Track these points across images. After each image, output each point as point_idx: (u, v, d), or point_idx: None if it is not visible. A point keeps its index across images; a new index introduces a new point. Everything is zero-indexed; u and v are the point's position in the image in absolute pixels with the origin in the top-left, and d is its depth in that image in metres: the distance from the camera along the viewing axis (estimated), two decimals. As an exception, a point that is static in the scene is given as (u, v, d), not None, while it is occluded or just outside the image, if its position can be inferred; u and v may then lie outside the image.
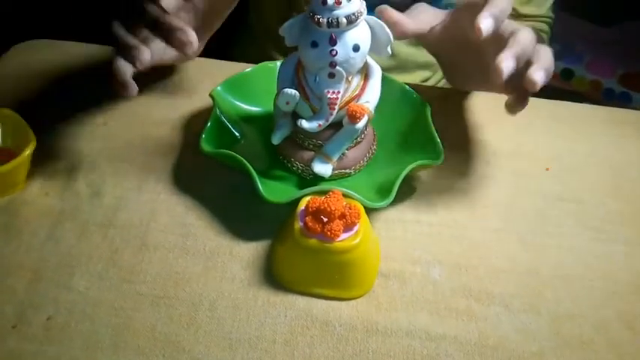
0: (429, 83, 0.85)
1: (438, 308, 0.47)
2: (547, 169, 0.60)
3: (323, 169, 0.53)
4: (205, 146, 0.53)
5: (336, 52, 0.48)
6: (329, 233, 0.45)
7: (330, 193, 0.47)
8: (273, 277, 0.49)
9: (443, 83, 0.86)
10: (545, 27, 0.82)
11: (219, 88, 0.59)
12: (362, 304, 0.47)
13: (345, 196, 0.48)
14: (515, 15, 0.79)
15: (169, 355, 0.43)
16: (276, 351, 0.44)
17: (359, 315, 0.47)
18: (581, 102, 0.69)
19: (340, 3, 0.47)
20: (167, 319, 0.45)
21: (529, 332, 0.46)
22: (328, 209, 0.45)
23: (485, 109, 0.66)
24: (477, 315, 0.47)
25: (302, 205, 0.48)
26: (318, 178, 0.54)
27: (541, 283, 0.50)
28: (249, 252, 0.50)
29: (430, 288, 0.49)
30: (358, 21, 0.48)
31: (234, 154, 0.51)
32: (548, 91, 0.65)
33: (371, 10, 0.51)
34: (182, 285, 0.48)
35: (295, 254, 0.47)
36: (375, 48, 0.51)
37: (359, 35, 0.49)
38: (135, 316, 0.45)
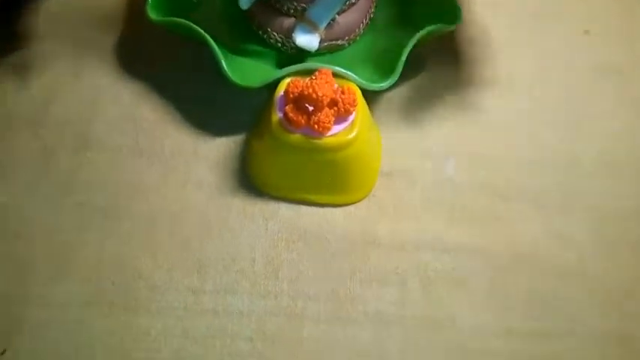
0: None
1: (454, 211, 0.38)
2: (586, 32, 0.48)
3: (307, 40, 0.42)
4: (152, 13, 0.41)
5: None
6: (316, 126, 0.35)
7: (317, 73, 0.36)
8: (248, 180, 0.39)
9: None
10: None
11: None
12: (360, 210, 0.38)
13: (335, 76, 0.37)
14: None
15: (121, 282, 0.35)
16: (256, 272, 0.36)
17: (356, 224, 0.38)
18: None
19: None
20: (117, 238, 0.37)
21: (567, 237, 0.38)
22: (314, 95, 0.34)
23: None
24: (503, 218, 0.38)
25: (280, 90, 0.37)
26: (302, 53, 0.42)
27: (580, 175, 0.40)
28: (217, 151, 0.40)
29: (444, 186, 0.39)
30: None
31: (189, 22, 0.40)
32: None
33: None
34: (135, 195, 0.38)
35: (275, 153, 0.37)
36: None
37: None
38: (77, 236, 0.36)
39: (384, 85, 0.39)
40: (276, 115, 0.36)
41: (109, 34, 0.45)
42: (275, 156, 0.37)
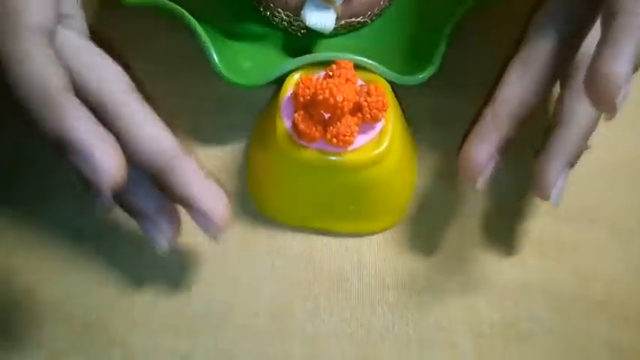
0: None
1: (511, 240, 0.30)
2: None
3: (321, 18, 0.33)
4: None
5: None
6: (335, 140, 0.26)
7: (334, 66, 0.28)
8: (250, 204, 0.31)
9: None
10: None
11: None
12: (392, 241, 0.30)
13: (358, 68, 0.29)
14: None
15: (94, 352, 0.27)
16: (260, 329, 0.28)
17: (388, 260, 0.30)
18: None
19: None
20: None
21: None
22: (332, 100, 0.26)
23: None
24: (573, 247, 0.30)
25: (287, 91, 0.28)
26: (314, 36, 0.34)
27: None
28: (207, 165, 0.32)
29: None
30: None
31: (171, 3, 0.31)
32: None
33: None
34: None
35: (282, 171, 0.29)
36: None
37: None
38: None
39: (421, 77, 0.30)
40: (283, 125, 0.28)
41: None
42: (282, 175, 0.29)
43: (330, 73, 0.28)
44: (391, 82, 0.30)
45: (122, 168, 0.22)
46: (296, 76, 0.29)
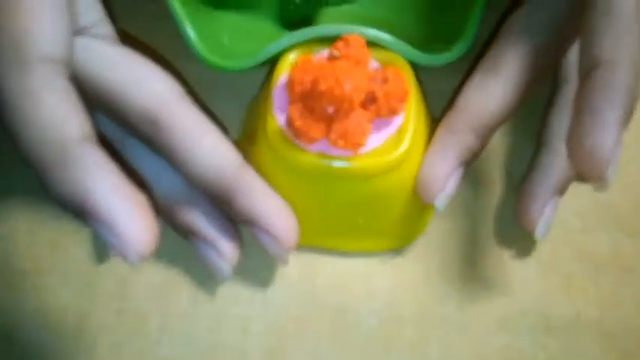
0: None
1: (557, 262, 0.24)
2: None
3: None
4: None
5: None
6: (342, 142, 0.20)
7: (340, 42, 0.21)
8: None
9: None
10: None
11: None
12: (410, 261, 0.24)
13: (370, 45, 0.22)
14: None
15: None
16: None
17: (406, 286, 0.24)
18: None
19: None
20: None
21: None
22: (338, 89, 0.19)
23: None
24: (631, 264, 0.24)
25: (280, 76, 0.22)
26: (316, 3, 0.27)
27: None
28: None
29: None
30: None
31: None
32: None
33: None
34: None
35: (276, 178, 0.23)
36: None
37: None
38: None
39: (452, 55, 0.24)
40: (275, 122, 0.22)
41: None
42: (276, 183, 0.22)
43: (336, 53, 0.22)
44: (413, 63, 0.24)
45: (153, 239, 0.18)
46: (291, 57, 0.23)
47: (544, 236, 0.23)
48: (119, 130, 0.23)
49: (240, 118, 0.26)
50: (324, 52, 0.23)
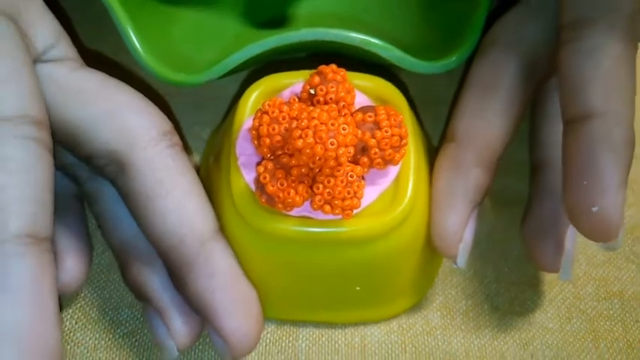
0: None
1: (575, 319, 0.21)
2: None
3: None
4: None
5: None
6: (328, 207, 0.16)
7: (316, 78, 0.17)
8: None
9: None
10: None
11: None
12: (411, 327, 0.21)
13: (350, 64, 0.18)
14: None
15: None
16: None
17: (410, 347, 0.20)
18: None
19: None
20: None
21: None
22: (320, 147, 0.15)
23: None
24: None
25: (242, 122, 0.18)
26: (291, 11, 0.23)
27: None
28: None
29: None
30: None
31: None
32: None
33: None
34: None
35: (246, 246, 0.18)
36: None
37: None
38: None
39: (451, 62, 0.20)
40: (242, 181, 0.17)
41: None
42: (247, 254, 0.18)
43: (312, 92, 0.17)
44: (406, 70, 0.19)
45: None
46: (254, 95, 0.18)
47: (571, 275, 0.20)
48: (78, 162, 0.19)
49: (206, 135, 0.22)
50: (296, 86, 0.18)
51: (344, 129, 0.15)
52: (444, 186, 0.19)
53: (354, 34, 0.19)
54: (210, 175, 0.20)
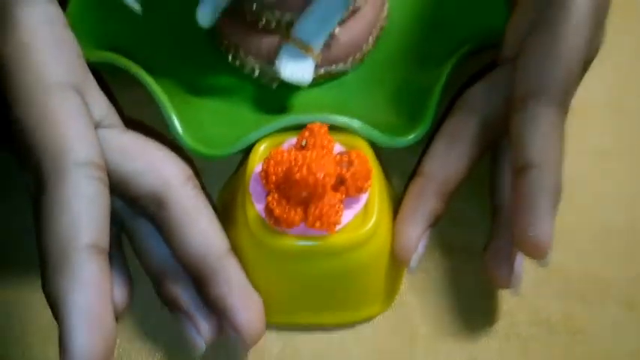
0: None
1: (518, 325, 0.27)
2: None
3: (298, 69, 0.29)
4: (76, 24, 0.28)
5: None
6: (319, 223, 0.23)
7: (306, 132, 0.24)
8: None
9: None
10: None
11: None
12: (381, 332, 0.27)
13: (335, 129, 0.25)
14: None
15: None
16: None
17: (382, 348, 0.26)
18: None
19: None
20: None
21: None
22: (311, 178, 0.22)
23: None
24: (581, 325, 0.27)
25: (254, 166, 0.25)
26: (288, 91, 0.30)
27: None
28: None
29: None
30: None
31: (126, 60, 0.27)
32: None
33: None
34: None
35: (257, 261, 0.25)
36: None
37: None
38: None
39: (412, 138, 0.27)
40: (254, 210, 0.24)
41: None
42: (258, 266, 0.25)
43: (303, 143, 0.24)
44: (378, 144, 0.26)
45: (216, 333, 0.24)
46: (262, 148, 0.25)
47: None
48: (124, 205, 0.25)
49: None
50: (291, 140, 0.25)
51: (327, 164, 0.22)
52: (409, 208, 0.25)
53: (338, 117, 0.26)
54: (226, 208, 0.27)
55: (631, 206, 0.30)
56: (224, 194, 0.29)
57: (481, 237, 0.27)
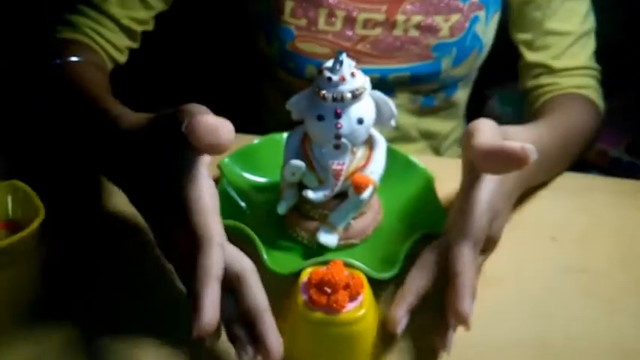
0: (434, 152, 0.86)
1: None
2: (553, 238, 0.60)
3: (329, 238, 0.54)
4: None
5: (341, 125, 0.50)
6: (335, 305, 0.45)
7: (331, 263, 0.47)
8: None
9: (448, 154, 0.88)
10: (589, 81, 0.74)
11: (226, 159, 0.60)
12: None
13: (347, 265, 0.48)
14: (551, 71, 0.75)
15: None
16: None
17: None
18: (589, 170, 0.70)
19: (345, 79, 0.49)
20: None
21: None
22: (332, 280, 0.45)
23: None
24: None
25: (304, 277, 0.47)
26: (324, 249, 0.54)
27: (550, 354, 0.49)
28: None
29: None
30: (362, 95, 0.50)
31: (240, 224, 0.52)
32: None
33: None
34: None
35: (299, 329, 0.46)
36: (380, 121, 0.53)
37: (363, 109, 0.50)
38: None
39: (387, 275, 0.50)
40: (302, 298, 0.46)
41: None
42: (299, 332, 0.46)
43: (329, 266, 0.47)
44: (369, 275, 0.49)
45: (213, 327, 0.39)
46: (308, 269, 0.48)
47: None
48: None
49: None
50: (323, 268, 0.48)
51: (341, 278, 0.45)
52: (399, 300, 0.47)
53: (347, 259, 0.50)
54: (285, 304, 0.49)
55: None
56: (286, 300, 0.51)
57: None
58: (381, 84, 0.74)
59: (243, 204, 0.59)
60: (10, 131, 0.71)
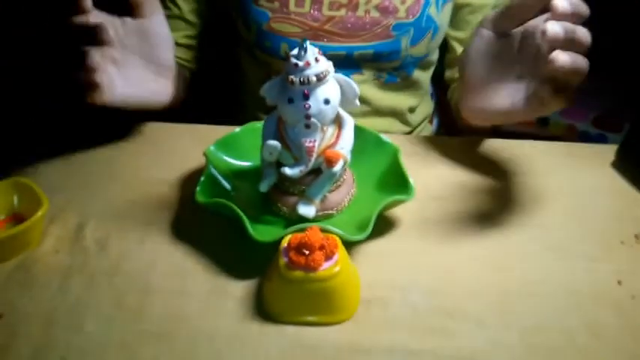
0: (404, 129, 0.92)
1: (417, 327, 0.52)
2: (514, 200, 0.65)
3: (307, 210, 0.59)
4: (200, 197, 0.59)
5: (310, 106, 0.55)
6: (312, 263, 0.50)
7: (308, 229, 0.52)
8: (264, 310, 0.53)
9: (420, 128, 0.95)
10: None
11: (211, 147, 0.66)
12: (347, 327, 0.52)
13: (323, 231, 0.54)
14: None
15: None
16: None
17: (345, 337, 0.51)
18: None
19: (310, 64, 0.54)
20: (169, 353, 0.50)
21: (501, 344, 0.50)
22: (309, 242, 0.50)
23: (457, 150, 0.73)
24: (453, 332, 0.51)
25: (285, 243, 0.53)
26: (303, 220, 0.60)
27: (510, 300, 0.54)
28: (242, 290, 0.55)
29: (409, 310, 0.53)
30: (327, 78, 0.55)
31: (226, 201, 0.57)
32: (526, 137, 0.73)
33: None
34: (182, 322, 0.52)
35: (283, 287, 0.52)
36: (345, 100, 0.58)
37: (329, 90, 0.56)
38: (140, 351, 0.50)
39: (360, 237, 0.55)
40: (283, 260, 0.52)
41: (165, 214, 0.64)
42: (283, 289, 0.52)
43: (307, 231, 0.53)
44: (343, 239, 0.55)
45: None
46: (289, 236, 0.54)
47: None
48: None
49: (265, 269, 0.56)
50: (301, 234, 0.54)
51: (317, 240, 0.51)
52: None
53: (328, 225, 0.55)
54: (271, 267, 0.54)
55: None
56: (271, 263, 0.56)
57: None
58: (348, 60, 0.82)
59: (228, 186, 0.64)
60: (9, 131, 0.76)
